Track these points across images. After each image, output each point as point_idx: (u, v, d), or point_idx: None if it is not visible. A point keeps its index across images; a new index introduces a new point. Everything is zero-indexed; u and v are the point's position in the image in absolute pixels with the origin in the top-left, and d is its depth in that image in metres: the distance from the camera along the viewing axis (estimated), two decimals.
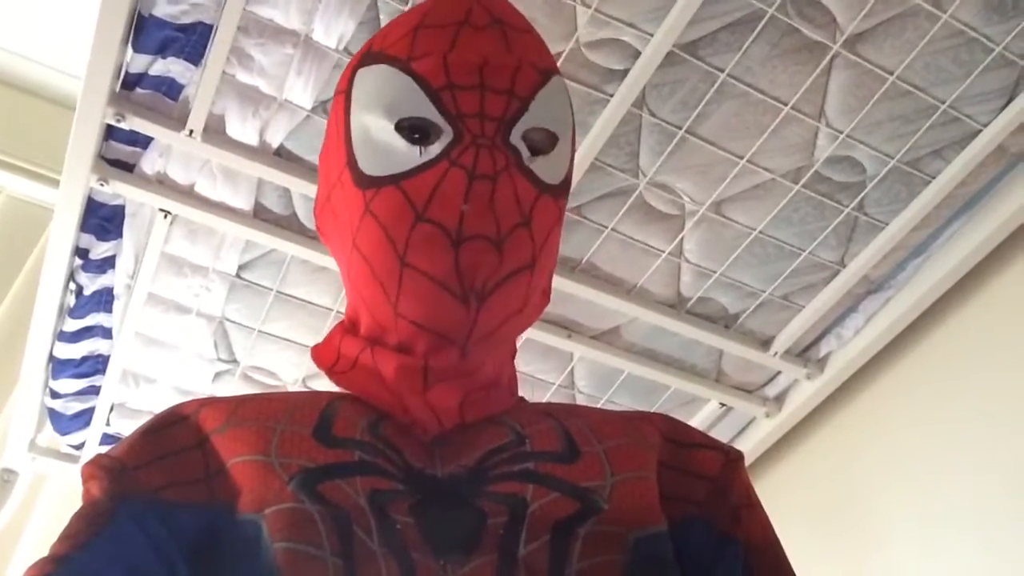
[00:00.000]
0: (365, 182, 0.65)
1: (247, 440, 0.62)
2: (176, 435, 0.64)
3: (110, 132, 1.44)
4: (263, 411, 0.65)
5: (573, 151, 0.72)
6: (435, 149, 0.64)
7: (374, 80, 0.67)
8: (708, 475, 0.68)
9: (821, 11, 1.33)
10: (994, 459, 1.48)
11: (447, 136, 0.64)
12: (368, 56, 0.69)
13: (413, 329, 0.64)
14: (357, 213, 0.66)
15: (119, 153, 1.47)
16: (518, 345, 0.74)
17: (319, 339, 1.68)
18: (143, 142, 1.46)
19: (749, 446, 1.96)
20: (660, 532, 0.62)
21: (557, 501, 0.61)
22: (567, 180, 0.70)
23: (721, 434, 1.99)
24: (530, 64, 0.67)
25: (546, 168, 0.67)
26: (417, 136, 0.64)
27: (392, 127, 0.65)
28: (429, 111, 0.64)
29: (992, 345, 1.58)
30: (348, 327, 0.71)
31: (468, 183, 0.62)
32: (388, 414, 0.66)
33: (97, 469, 0.63)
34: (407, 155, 0.64)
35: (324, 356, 0.71)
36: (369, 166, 0.65)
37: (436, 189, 0.63)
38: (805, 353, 1.82)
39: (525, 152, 0.65)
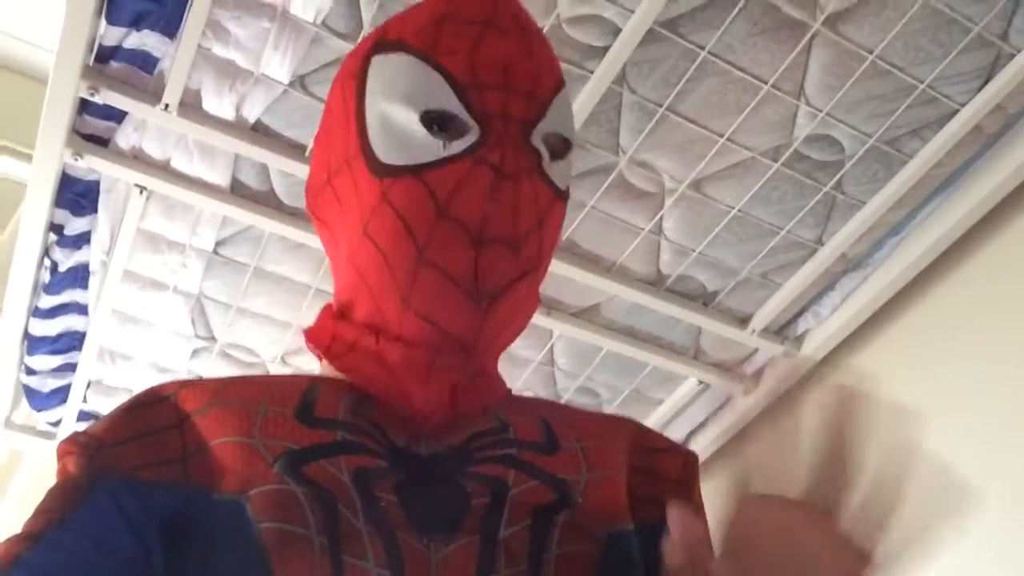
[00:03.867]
0: (382, 170, 0.65)
1: (230, 422, 0.62)
2: (155, 415, 0.64)
3: (84, 106, 1.41)
4: (245, 393, 0.65)
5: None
6: (459, 145, 0.64)
7: (396, 69, 0.66)
8: (672, 477, 0.71)
9: None
10: (969, 435, 1.50)
11: (473, 134, 0.64)
12: (386, 43, 0.68)
13: (423, 325, 0.64)
14: (371, 201, 0.65)
15: (93, 128, 1.45)
16: None
17: (298, 316, 1.67)
18: (118, 116, 1.44)
19: (727, 423, 1.97)
20: (628, 530, 0.64)
21: (537, 488, 0.62)
22: (569, 187, 0.71)
23: (699, 411, 2.01)
24: (548, 70, 0.68)
25: (560, 173, 0.67)
26: (440, 129, 0.64)
27: (417, 117, 0.64)
28: (456, 107, 0.64)
29: (967, 323, 1.60)
30: (340, 311, 0.70)
31: (494, 182, 0.63)
32: (371, 395, 0.66)
33: (74, 446, 0.62)
34: (429, 147, 0.64)
35: (319, 338, 0.71)
36: (387, 154, 0.65)
37: (461, 185, 0.63)
38: (783, 331, 1.83)
39: (546, 155, 0.66)
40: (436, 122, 0.64)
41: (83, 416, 1.96)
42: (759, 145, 1.51)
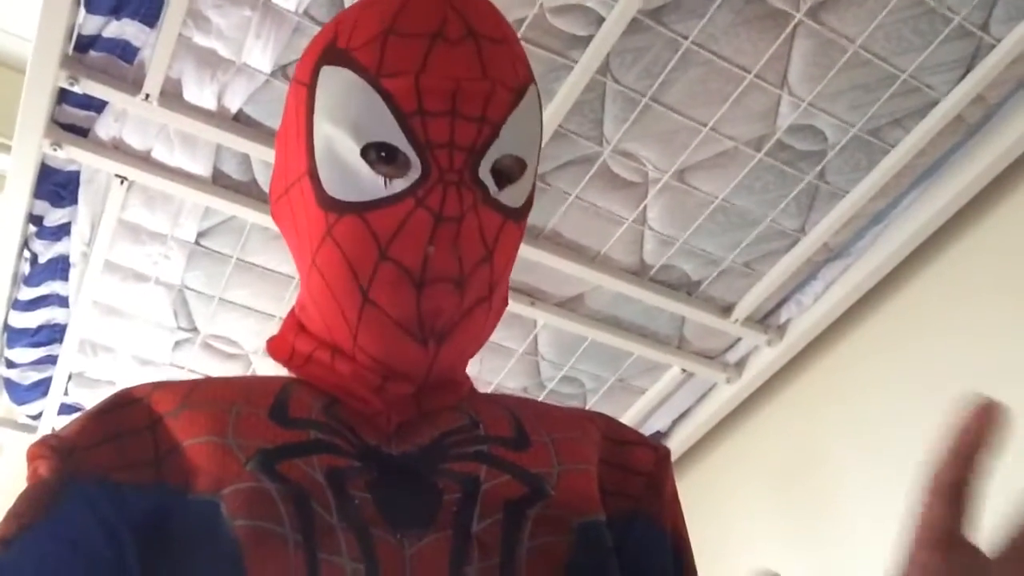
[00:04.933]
0: (328, 203, 0.64)
1: (202, 422, 0.62)
2: (127, 417, 0.64)
3: (63, 96, 1.40)
4: (218, 394, 0.65)
5: (537, 167, 0.71)
6: (401, 183, 0.62)
7: (340, 87, 0.64)
8: (643, 471, 0.71)
9: None
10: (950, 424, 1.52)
11: (415, 170, 0.62)
12: (333, 52, 0.66)
13: (371, 362, 0.65)
14: (318, 233, 0.65)
15: (73, 117, 1.44)
16: None
17: (280, 307, 1.66)
18: (98, 106, 1.43)
19: (710, 411, 1.99)
20: (599, 520, 0.65)
21: (508, 483, 0.63)
22: (530, 199, 0.69)
23: (683, 400, 2.02)
24: (504, 86, 0.64)
25: (512, 194, 0.66)
26: (383, 158, 0.63)
27: (358, 150, 0.63)
28: (398, 138, 0.62)
29: (948, 312, 1.62)
30: (301, 323, 0.71)
31: (434, 225, 0.62)
32: (341, 399, 0.67)
33: (45, 449, 0.62)
34: (372, 184, 0.63)
35: (280, 349, 0.71)
36: (332, 187, 0.64)
37: (401, 228, 0.62)
38: (765, 320, 1.84)
39: (492, 186, 0.64)
40: (378, 156, 0.63)
41: (64, 409, 1.94)
42: (742, 135, 1.52)
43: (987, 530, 0.48)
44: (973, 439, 0.47)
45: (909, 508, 0.48)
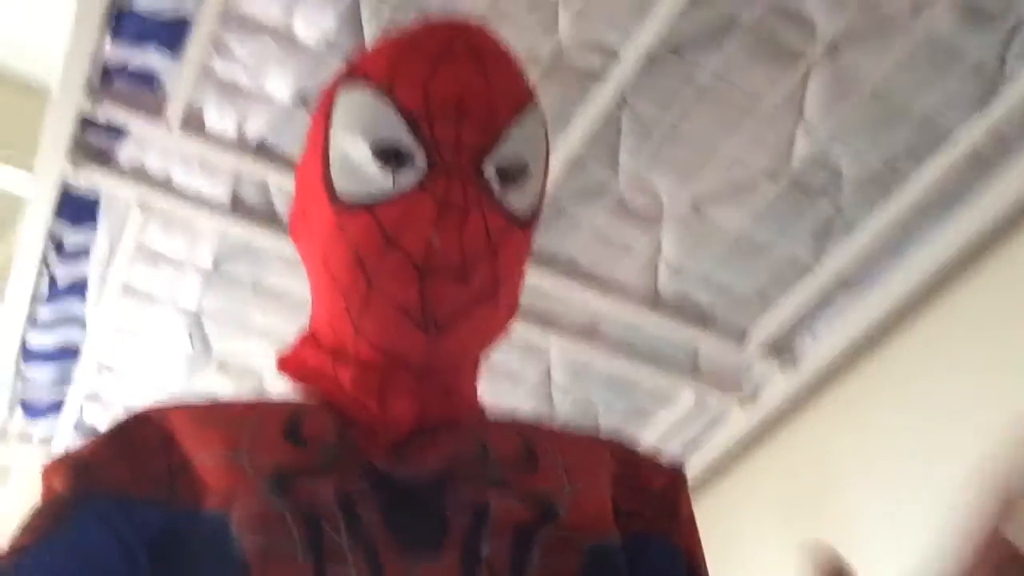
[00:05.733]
0: (338, 203, 0.67)
1: (215, 441, 0.63)
2: (140, 435, 0.65)
3: (86, 121, 1.42)
4: (231, 414, 0.66)
5: (545, 180, 0.73)
6: (408, 177, 0.65)
7: (355, 102, 0.68)
8: (658, 493, 0.71)
9: (802, 18, 1.33)
10: (964, 456, 1.51)
11: (421, 164, 0.65)
12: (351, 78, 0.70)
13: (372, 350, 0.66)
14: (328, 231, 0.67)
15: (95, 143, 1.46)
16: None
17: (296, 331, 1.68)
18: (119, 133, 1.44)
19: (723, 439, 1.98)
20: (613, 543, 0.65)
21: (517, 507, 0.63)
22: (537, 210, 0.71)
23: (695, 427, 2.02)
24: (507, 99, 0.68)
25: (516, 200, 0.68)
26: (392, 160, 0.66)
27: (368, 150, 0.66)
28: (405, 137, 0.65)
29: (963, 346, 1.61)
30: (311, 337, 0.72)
31: (438, 213, 0.64)
32: (352, 419, 0.67)
33: (60, 466, 0.63)
34: (381, 181, 0.65)
35: (290, 366, 0.72)
36: (343, 188, 0.67)
37: (406, 217, 0.64)
38: (780, 349, 1.84)
39: (496, 185, 0.67)
40: (386, 154, 0.65)
41: (79, 428, 1.95)
42: (758, 166, 1.52)
43: None
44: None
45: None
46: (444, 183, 0.64)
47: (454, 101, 0.66)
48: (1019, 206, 1.52)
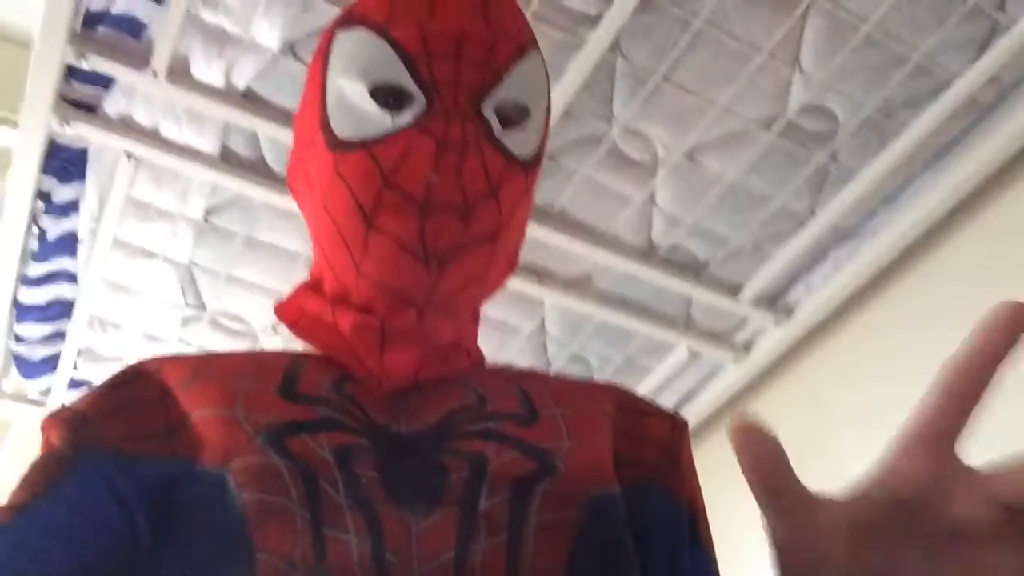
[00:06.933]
0: (336, 144, 0.66)
1: (212, 396, 0.63)
2: (138, 390, 0.64)
3: (71, 72, 1.40)
4: (227, 368, 0.66)
5: (547, 127, 0.72)
6: (406, 117, 0.64)
7: (352, 44, 0.67)
8: (659, 441, 0.70)
9: None
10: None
11: (419, 104, 0.65)
12: (348, 18, 0.69)
13: (374, 289, 0.65)
14: (327, 175, 0.66)
15: (81, 94, 1.44)
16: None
17: (289, 284, 1.66)
18: (105, 83, 1.42)
19: (717, 392, 1.99)
20: (613, 494, 0.64)
21: (516, 460, 0.62)
22: (538, 155, 0.70)
23: (690, 380, 2.02)
24: (507, 37, 0.67)
25: (517, 141, 0.67)
26: (390, 101, 0.65)
27: (366, 90, 0.65)
28: (404, 77, 0.65)
29: (959, 295, 1.61)
30: (312, 286, 0.72)
31: (436, 152, 0.63)
32: (350, 373, 0.67)
33: (57, 420, 0.63)
34: (379, 121, 0.65)
35: (287, 312, 0.72)
36: (341, 129, 0.66)
37: (405, 157, 0.63)
38: (774, 300, 1.84)
39: (496, 124, 0.66)
40: (385, 94, 0.65)
41: (73, 384, 1.95)
42: (753, 114, 1.50)
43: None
44: (995, 343, 0.45)
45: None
46: (443, 122, 0.63)
47: (453, 40, 0.65)
48: (1016, 152, 1.51)
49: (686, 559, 0.66)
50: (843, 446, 1.74)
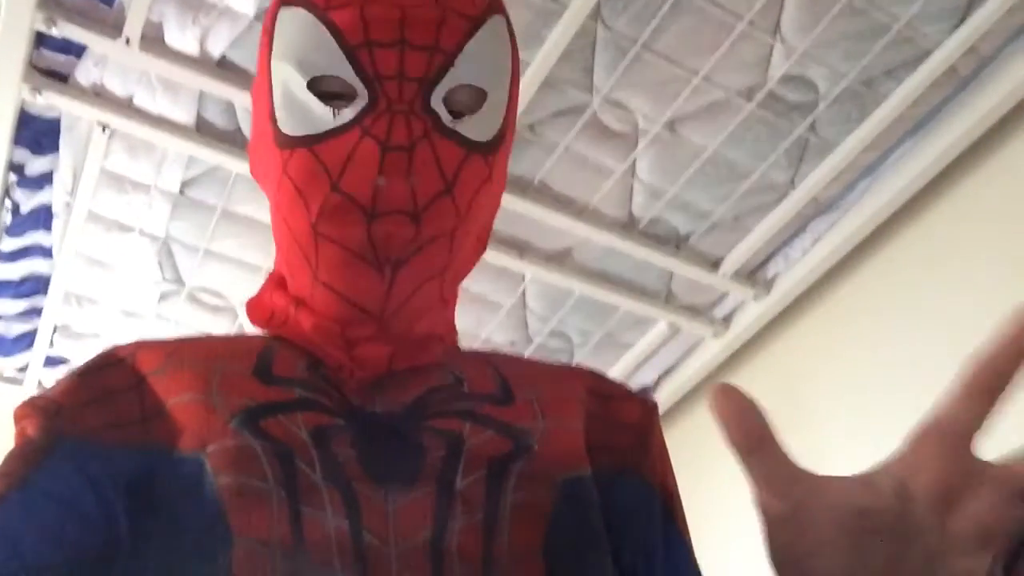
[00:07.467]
0: (283, 141, 0.63)
1: (187, 381, 0.62)
2: (112, 377, 0.63)
3: (41, 40, 1.37)
4: (201, 353, 0.65)
5: (513, 99, 0.68)
6: (348, 113, 0.61)
7: (292, 26, 0.64)
8: (630, 424, 0.70)
9: None
10: (937, 379, 1.52)
11: (362, 99, 0.61)
12: None
13: (330, 296, 0.64)
14: (277, 174, 0.64)
15: (52, 62, 1.41)
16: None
17: (267, 258, 1.65)
18: (77, 51, 1.40)
19: (697, 366, 1.99)
20: (585, 476, 0.64)
21: (492, 440, 0.62)
22: (503, 132, 0.67)
23: (670, 354, 2.02)
24: (457, 13, 0.63)
25: (474, 126, 0.64)
26: (332, 92, 0.62)
27: (305, 84, 0.62)
28: (344, 70, 0.61)
29: (937, 267, 1.62)
30: (277, 281, 0.70)
31: (381, 155, 0.60)
32: (323, 360, 0.66)
33: (31, 409, 0.62)
34: (321, 116, 0.62)
35: (258, 311, 0.71)
36: (285, 124, 0.63)
37: (349, 159, 0.61)
38: (753, 274, 1.84)
39: (446, 116, 0.62)
40: (326, 88, 0.62)
41: (50, 361, 1.93)
42: (734, 84, 1.50)
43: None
44: (1020, 342, 0.45)
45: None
46: (386, 122, 0.60)
47: (396, 24, 0.61)
48: (995, 123, 1.51)
49: (660, 543, 0.66)
50: (822, 419, 1.74)
